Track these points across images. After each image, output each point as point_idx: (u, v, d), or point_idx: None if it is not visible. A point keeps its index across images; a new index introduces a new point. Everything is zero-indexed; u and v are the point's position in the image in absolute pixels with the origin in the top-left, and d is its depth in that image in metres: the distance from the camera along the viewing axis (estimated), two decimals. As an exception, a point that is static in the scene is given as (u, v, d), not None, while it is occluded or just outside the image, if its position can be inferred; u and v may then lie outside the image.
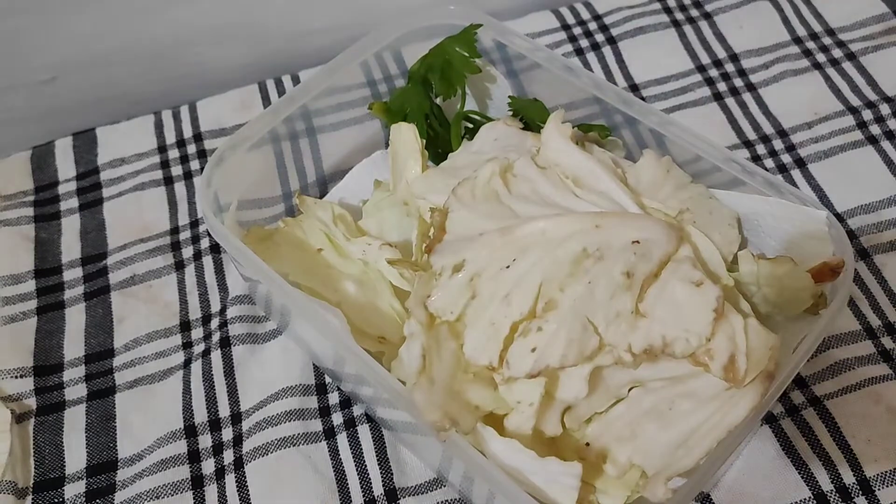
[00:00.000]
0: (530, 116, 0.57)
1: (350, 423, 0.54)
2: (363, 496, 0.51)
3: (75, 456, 0.54)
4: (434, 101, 0.61)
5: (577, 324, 0.41)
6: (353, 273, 0.53)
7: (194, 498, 0.52)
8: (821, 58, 0.71)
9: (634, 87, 0.71)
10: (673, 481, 0.39)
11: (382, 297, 0.52)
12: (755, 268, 0.45)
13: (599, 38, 0.74)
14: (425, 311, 0.43)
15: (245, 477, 0.52)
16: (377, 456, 0.52)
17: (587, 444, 0.42)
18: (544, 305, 0.42)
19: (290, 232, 0.56)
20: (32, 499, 0.52)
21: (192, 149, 0.69)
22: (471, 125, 0.60)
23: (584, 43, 0.74)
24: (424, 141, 0.54)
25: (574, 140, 0.49)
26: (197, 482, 0.52)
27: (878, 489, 0.49)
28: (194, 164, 0.68)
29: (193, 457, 0.53)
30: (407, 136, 0.54)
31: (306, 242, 0.55)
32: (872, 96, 0.68)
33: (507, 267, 0.43)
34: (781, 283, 0.45)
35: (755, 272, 0.45)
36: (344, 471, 0.52)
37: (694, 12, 0.75)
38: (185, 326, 0.60)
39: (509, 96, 0.60)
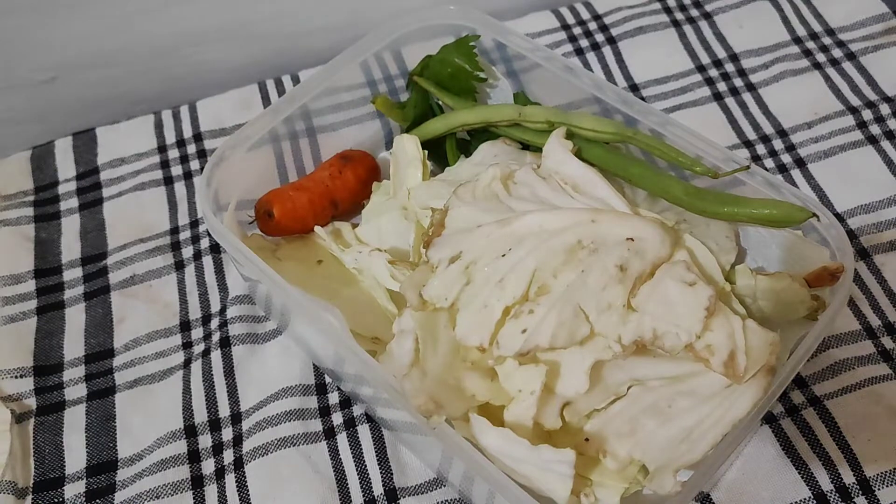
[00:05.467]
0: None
1: (350, 423, 0.54)
2: (363, 496, 0.51)
3: (75, 456, 0.54)
4: (437, 104, 0.62)
5: (569, 308, 0.41)
6: (351, 281, 0.54)
7: (194, 498, 0.52)
8: (821, 58, 0.71)
9: (634, 87, 0.71)
10: (679, 474, 0.39)
11: (378, 300, 0.52)
12: (752, 282, 0.46)
13: (599, 38, 0.74)
14: (419, 296, 0.44)
15: (245, 477, 0.52)
16: (377, 456, 0.52)
17: (586, 440, 0.42)
18: (537, 290, 0.42)
19: (291, 246, 0.57)
20: (32, 499, 0.52)
21: (192, 149, 0.69)
22: (468, 138, 0.61)
23: (584, 43, 0.74)
24: (427, 152, 0.55)
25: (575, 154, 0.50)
26: (197, 482, 0.52)
27: (878, 489, 0.49)
28: (194, 164, 0.68)
29: (193, 457, 0.53)
30: (409, 146, 0.55)
31: (307, 256, 0.56)
32: (872, 96, 0.68)
33: (503, 256, 0.43)
34: (778, 297, 0.46)
35: (752, 286, 0.46)
36: (344, 471, 0.52)
37: (694, 12, 0.75)
38: (185, 326, 0.60)
39: None
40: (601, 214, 0.45)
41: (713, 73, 0.71)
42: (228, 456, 0.53)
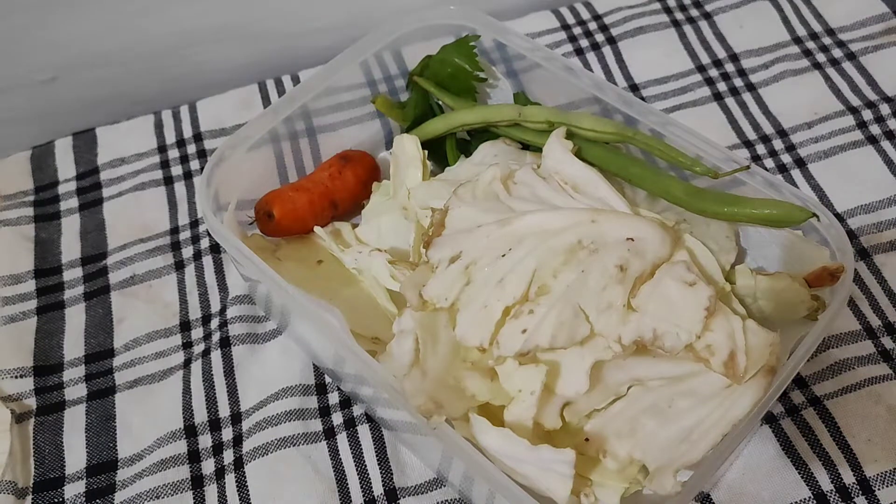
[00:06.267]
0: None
1: (350, 423, 0.54)
2: (363, 496, 0.51)
3: (75, 456, 0.54)
4: (437, 104, 0.62)
5: (569, 309, 0.41)
6: (351, 281, 0.54)
7: (194, 498, 0.52)
8: (821, 58, 0.71)
9: (634, 87, 0.71)
10: (679, 474, 0.39)
11: (377, 300, 0.52)
12: (752, 282, 0.46)
13: (599, 38, 0.74)
14: (419, 296, 0.43)
15: (245, 477, 0.52)
16: (377, 456, 0.52)
17: (586, 440, 0.42)
18: (537, 290, 0.42)
19: (291, 246, 0.57)
20: (32, 499, 0.52)
21: (192, 149, 0.69)
22: (468, 137, 0.61)
23: (584, 43, 0.74)
24: (427, 152, 0.55)
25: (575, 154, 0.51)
26: (197, 482, 0.52)
27: (878, 489, 0.49)
28: (194, 164, 0.68)
29: (193, 457, 0.53)
30: (409, 146, 0.55)
31: (307, 256, 0.56)
32: (872, 96, 0.68)
33: (503, 256, 0.43)
34: (779, 297, 0.46)
35: (752, 286, 0.46)
36: (344, 471, 0.52)
37: (694, 12, 0.75)
38: (185, 326, 0.59)
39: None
40: (601, 214, 0.45)
41: (713, 73, 0.71)
42: (228, 456, 0.53)
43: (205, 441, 0.54)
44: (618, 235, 0.44)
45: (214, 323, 0.59)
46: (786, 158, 0.65)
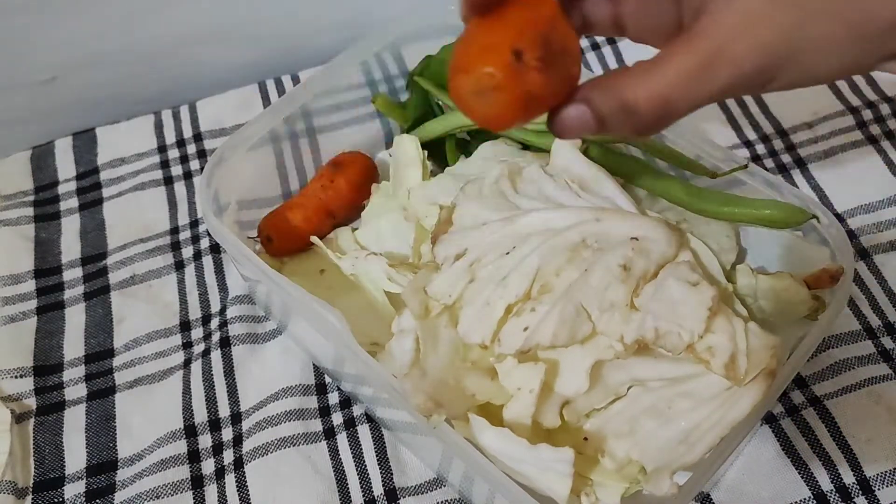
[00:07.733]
0: None
1: (350, 423, 0.54)
2: (363, 496, 0.51)
3: (75, 456, 0.54)
4: (437, 104, 0.62)
5: (570, 307, 0.41)
6: (353, 287, 0.54)
7: (194, 498, 0.52)
8: (821, 58, 0.71)
9: (634, 87, 0.71)
10: (677, 476, 0.39)
11: (376, 304, 0.52)
12: (753, 281, 0.46)
13: (599, 37, 0.74)
14: (420, 302, 0.43)
15: (245, 477, 0.52)
16: (377, 456, 0.52)
17: (585, 439, 0.42)
18: (539, 288, 0.42)
19: (295, 261, 0.58)
20: (32, 499, 0.52)
21: (192, 149, 0.69)
22: (468, 138, 0.61)
23: (584, 42, 0.74)
24: (427, 152, 0.55)
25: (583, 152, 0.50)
26: (197, 482, 0.52)
27: (878, 489, 0.49)
28: (194, 164, 0.68)
29: (193, 457, 0.53)
30: (408, 146, 0.55)
31: (310, 268, 0.57)
32: (872, 96, 0.68)
33: (507, 253, 0.43)
34: (779, 296, 0.46)
35: (753, 285, 0.46)
36: (344, 471, 0.52)
37: (694, 12, 0.75)
38: (185, 326, 0.60)
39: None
40: (606, 213, 0.44)
41: (713, 73, 0.71)
42: (228, 456, 0.53)
43: (205, 441, 0.54)
44: (622, 235, 0.43)
45: (214, 323, 0.59)
46: (786, 158, 0.65)
